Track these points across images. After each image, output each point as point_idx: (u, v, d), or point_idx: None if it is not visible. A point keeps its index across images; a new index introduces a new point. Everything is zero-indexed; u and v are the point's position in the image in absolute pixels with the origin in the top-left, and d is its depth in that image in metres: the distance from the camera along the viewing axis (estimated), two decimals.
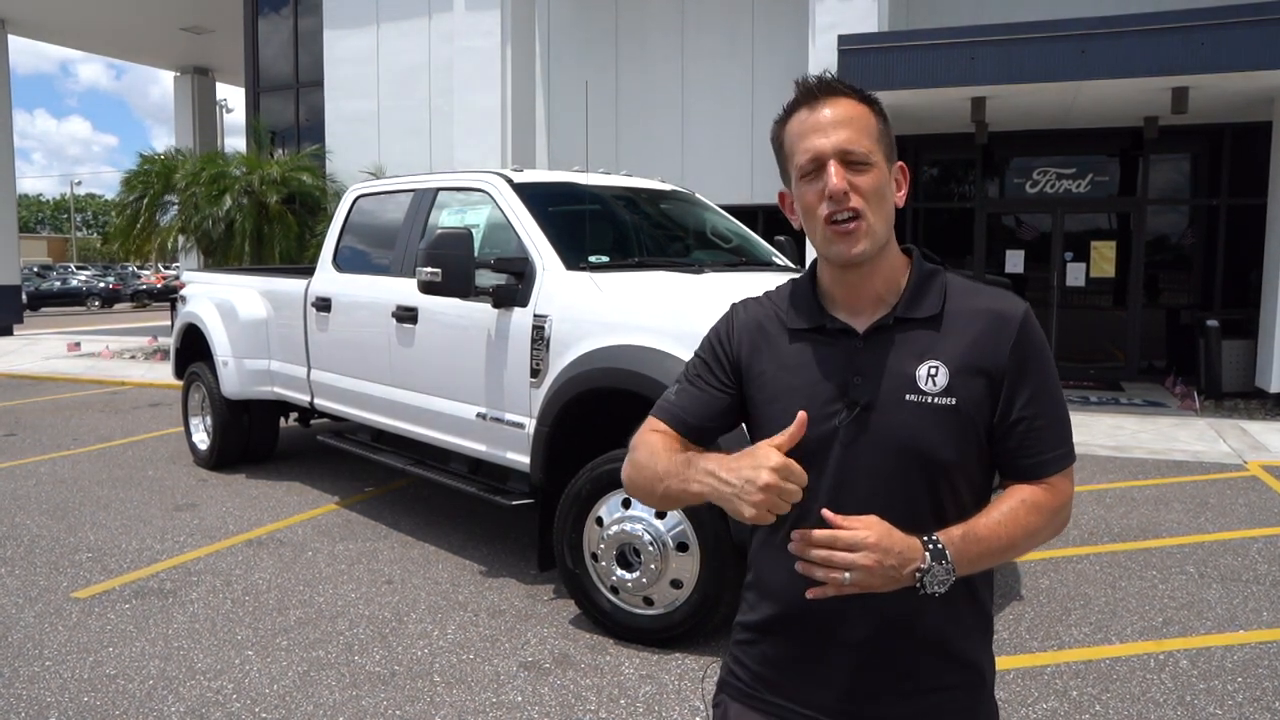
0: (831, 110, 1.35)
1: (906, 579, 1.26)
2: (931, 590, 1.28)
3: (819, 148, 1.34)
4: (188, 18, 18.68)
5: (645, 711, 3.37)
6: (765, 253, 5.55)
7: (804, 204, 1.38)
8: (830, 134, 1.34)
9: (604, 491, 3.96)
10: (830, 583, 1.25)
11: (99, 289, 34.41)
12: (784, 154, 1.42)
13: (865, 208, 1.34)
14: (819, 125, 1.35)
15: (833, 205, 1.33)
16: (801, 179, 1.37)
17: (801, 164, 1.37)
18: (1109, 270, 11.69)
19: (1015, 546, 1.35)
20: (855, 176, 1.34)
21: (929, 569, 1.26)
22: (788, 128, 1.40)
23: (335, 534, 5.44)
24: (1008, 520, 1.33)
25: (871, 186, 1.35)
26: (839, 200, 1.33)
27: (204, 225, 13.43)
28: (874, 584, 1.25)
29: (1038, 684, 3.57)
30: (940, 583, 1.28)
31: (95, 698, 3.47)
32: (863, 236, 1.34)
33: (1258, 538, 5.34)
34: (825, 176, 1.34)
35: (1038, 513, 1.35)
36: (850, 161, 1.34)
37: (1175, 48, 8.57)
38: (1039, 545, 1.39)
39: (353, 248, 5.94)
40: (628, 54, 13.56)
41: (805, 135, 1.36)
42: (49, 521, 5.71)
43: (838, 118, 1.35)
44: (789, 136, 1.39)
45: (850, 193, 1.33)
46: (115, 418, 9.38)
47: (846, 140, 1.34)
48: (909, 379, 1.34)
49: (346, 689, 3.54)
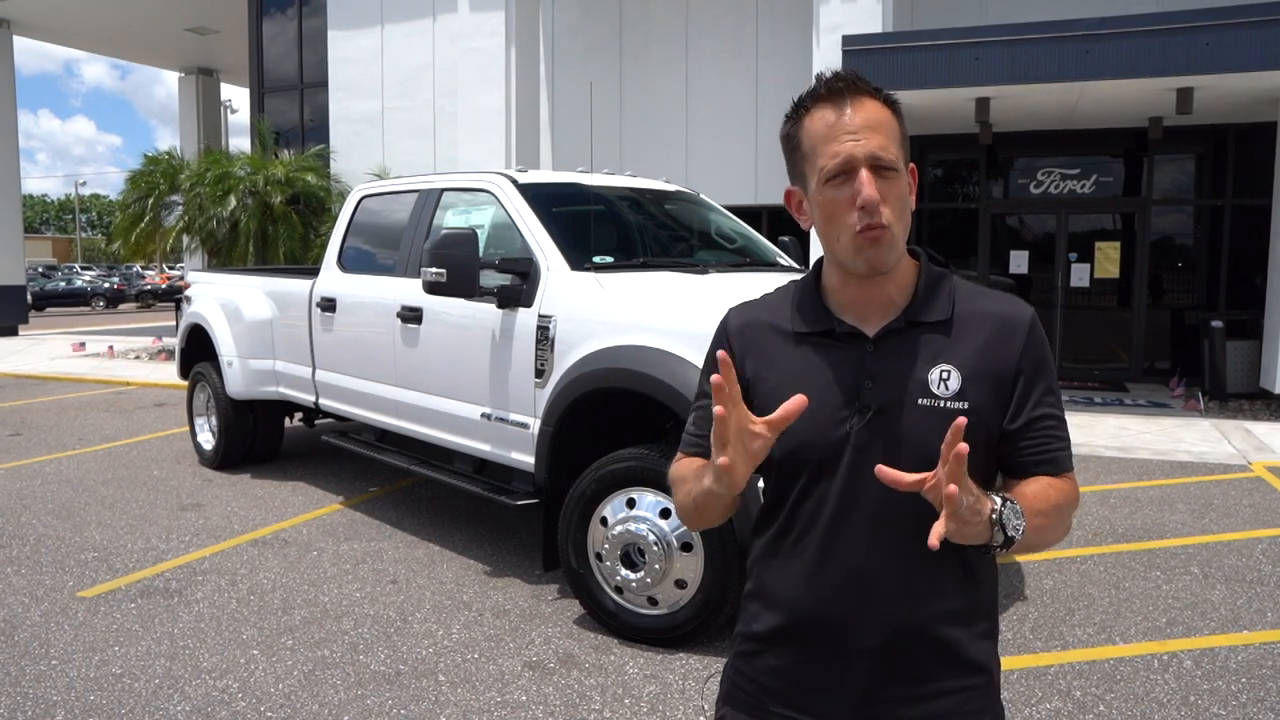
0: (859, 113, 1.31)
1: (987, 522, 1.20)
2: (1011, 532, 1.22)
3: (851, 153, 1.29)
4: (192, 19, 18.71)
5: (649, 711, 3.37)
6: (769, 253, 5.56)
7: (827, 209, 1.33)
8: (863, 139, 1.29)
9: (608, 491, 3.97)
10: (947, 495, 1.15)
11: (104, 289, 34.47)
12: (801, 153, 1.36)
13: (894, 217, 1.31)
14: (849, 128, 1.30)
15: (865, 217, 1.29)
16: (826, 183, 1.32)
17: (829, 167, 1.31)
18: (1113, 271, 11.68)
19: (1053, 520, 1.31)
20: (884, 185, 1.30)
21: (1001, 508, 1.22)
22: (807, 125, 1.34)
23: (340, 534, 5.45)
24: (1043, 499, 1.31)
25: (898, 195, 1.32)
26: (872, 212, 1.29)
27: (208, 225, 13.46)
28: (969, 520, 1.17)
29: (1041, 684, 3.57)
30: (1016, 527, 1.22)
31: (101, 696, 3.48)
32: (890, 247, 1.32)
33: (1262, 538, 5.34)
34: (857, 184, 1.29)
35: (1065, 498, 1.35)
36: (880, 168, 1.30)
37: (1180, 48, 8.56)
38: (1058, 537, 1.37)
39: (357, 248, 5.95)
40: (632, 54, 13.57)
41: (834, 138, 1.31)
42: (55, 521, 5.73)
43: (868, 122, 1.30)
44: (809, 135, 1.34)
45: (882, 202, 1.29)
46: (120, 418, 9.40)
47: (879, 147, 1.29)
48: (921, 383, 1.33)
49: (351, 688, 3.55)
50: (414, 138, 14.38)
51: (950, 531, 1.17)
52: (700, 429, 1.47)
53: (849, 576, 1.34)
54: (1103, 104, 10.04)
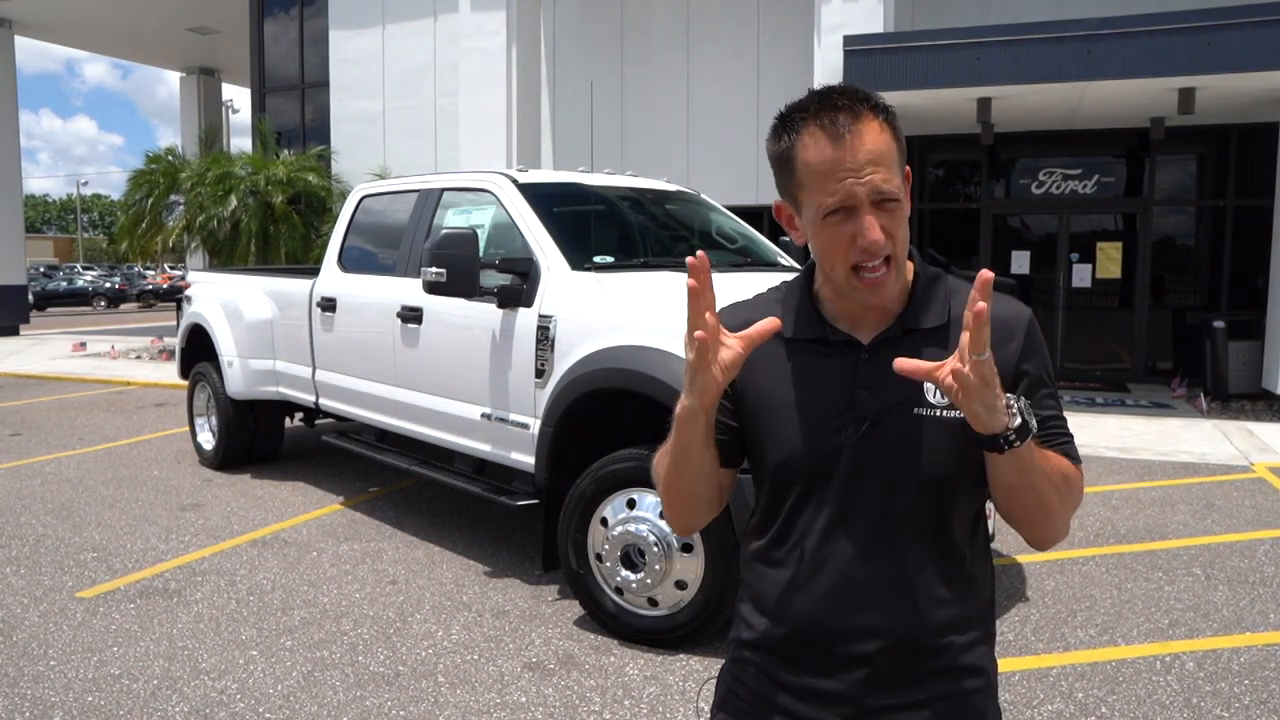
0: (859, 143, 1.25)
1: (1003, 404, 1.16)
2: (1029, 418, 1.18)
3: (852, 193, 1.24)
4: (194, 19, 18.73)
5: (649, 713, 3.36)
6: (770, 253, 5.55)
7: (825, 244, 1.29)
8: (864, 175, 1.24)
9: (609, 492, 3.96)
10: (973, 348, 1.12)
11: (105, 289, 34.51)
12: (795, 179, 1.30)
13: (895, 249, 1.28)
14: (849, 164, 1.24)
15: (866, 256, 1.26)
16: (824, 218, 1.27)
17: (828, 205, 1.26)
18: (1115, 271, 11.66)
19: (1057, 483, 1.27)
20: (885, 217, 1.26)
21: (1018, 401, 1.19)
22: (801, 152, 1.28)
23: (340, 534, 5.44)
24: (1053, 458, 1.29)
25: (899, 224, 1.28)
26: (875, 253, 1.26)
27: (209, 225, 13.46)
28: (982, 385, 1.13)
29: (1043, 686, 3.56)
30: (1030, 417, 1.19)
31: (100, 697, 3.47)
32: (890, 281, 1.30)
33: (1264, 539, 5.32)
34: (858, 225, 1.25)
35: (1063, 474, 1.30)
36: (881, 200, 1.26)
37: (1182, 48, 8.55)
38: (1051, 519, 1.31)
39: (358, 248, 5.95)
40: (633, 54, 13.57)
41: (833, 174, 1.25)
42: (54, 521, 5.72)
43: (871, 155, 1.25)
44: (805, 166, 1.28)
45: (884, 240, 1.26)
46: (120, 417, 9.40)
47: (881, 180, 1.25)
48: (917, 392, 1.31)
49: (350, 689, 3.54)
50: (415, 137, 14.38)
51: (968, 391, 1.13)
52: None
53: (844, 583, 1.33)
54: (1104, 104, 10.03)
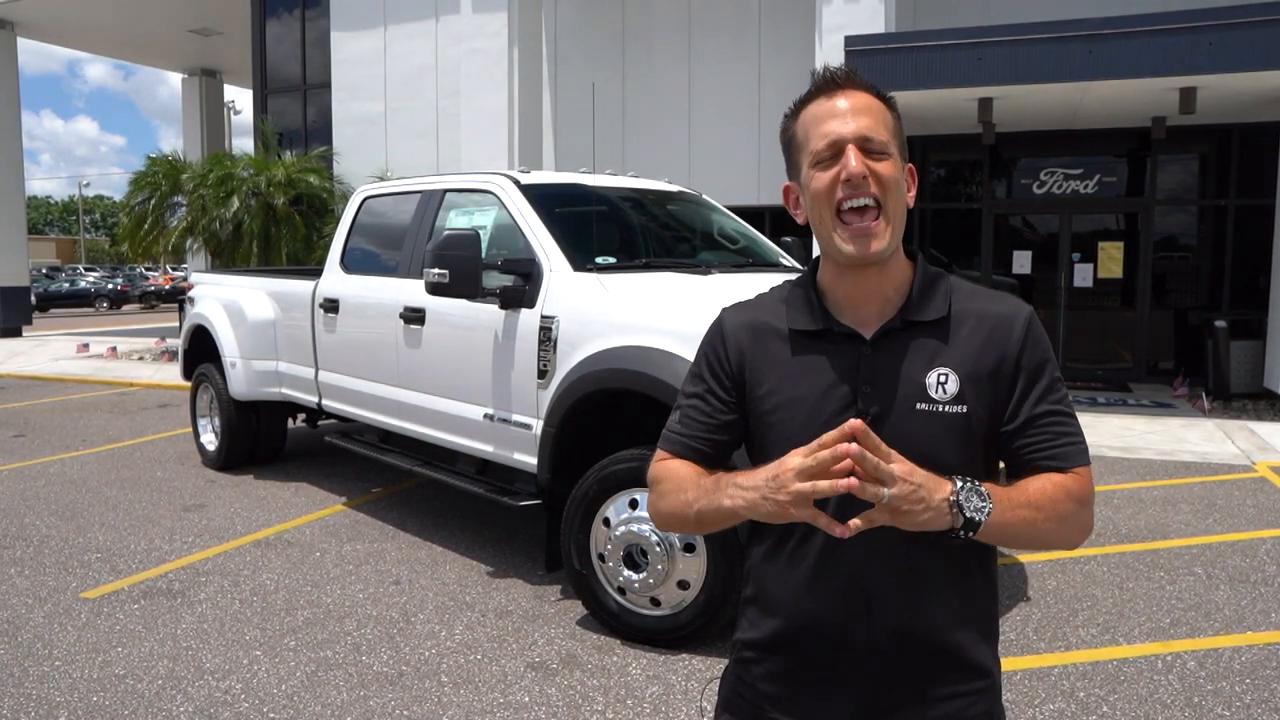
0: (849, 100, 1.33)
1: (940, 507, 1.18)
2: (972, 514, 1.19)
3: (838, 133, 1.31)
4: (196, 20, 18.73)
5: (652, 712, 3.37)
6: (772, 254, 5.55)
7: (815, 191, 1.33)
8: (850, 120, 1.31)
9: (611, 492, 3.97)
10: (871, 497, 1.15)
11: (107, 290, 34.53)
12: (795, 144, 1.38)
13: (884, 197, 1.30)
14: (837, 112, 1.32)
15: (849, 189, 1.30)
16: (815, 165, 1.33)
17: (818, 149, 1.32)
18: (1116, 271, 11.66)
19: (1048, 515, 1.27)
20: (874, 164, 1.31)
21: (961, 488, 1.20)
22: (801, 118, 1.37)
23: (343, 534, 5.45)
24: (1037, 493, 1.28)
25: (890, 175, 1.31)
26: (857, 185, 1.29)
27: (212, 226, 13.48)
28: (907, 509, 1.16)
29: (1045, 685, 3.56)
30: (978, 509, 1.20)
31: (104, 697, 3.49)
32: (882, 233, 1.31)
33: (1266, 539, 5.33)
34: (844, 160, 1.30)
35: (1067, 494, 1.30)
36: (869, 149, 1.31)
37: (1183, 48, 8.54)
38: (1064, 539, 1.32)
39: (360, 249, 5.96)
40: (635, 55, 13.57)
41: (822, 121, 1.33)
42: (58, 522, 5.73)
43: (857, 106, 1.32)
44: (802, 126, 1.36)
45: (869, 178, 1.29)
46: (124, 419, 9.42)
47: (867, 127, 1.31)
48: (919, 387, 1.32)
49: (354, 689, 3.55)
50: (417, 138, 14.38)
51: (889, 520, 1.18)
52: (686, 428, 1.45)
53: (849, 582, 1.34)
54: (1106, 104, 10.03)
